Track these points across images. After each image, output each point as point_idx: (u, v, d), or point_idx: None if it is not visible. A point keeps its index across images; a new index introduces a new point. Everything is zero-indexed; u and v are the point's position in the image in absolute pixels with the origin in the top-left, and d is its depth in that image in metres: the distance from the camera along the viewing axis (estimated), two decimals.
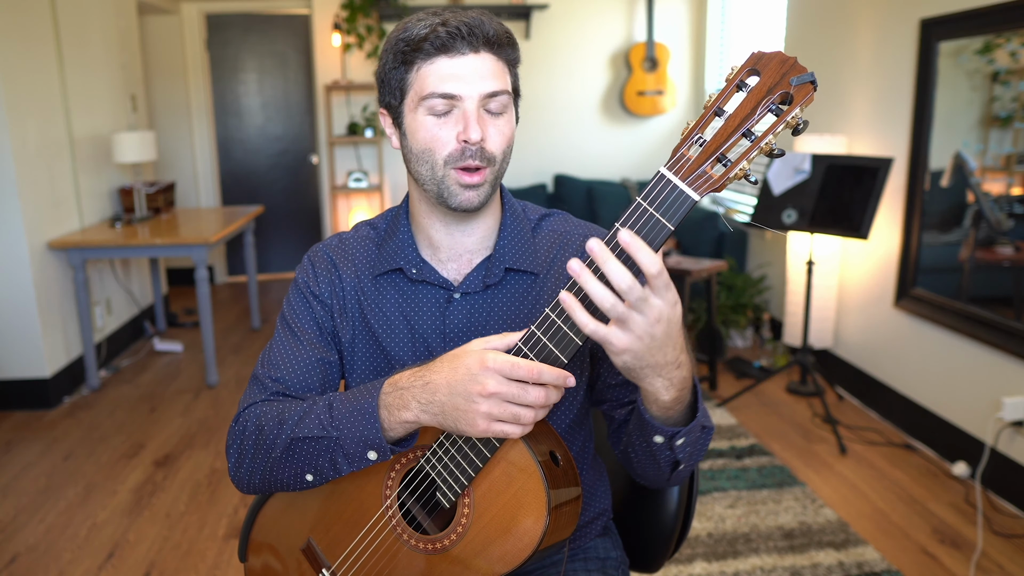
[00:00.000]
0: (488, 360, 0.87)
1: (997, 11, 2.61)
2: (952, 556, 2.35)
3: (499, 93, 0.99)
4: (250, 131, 5.92)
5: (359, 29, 5.19)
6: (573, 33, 5.39)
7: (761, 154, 0.76)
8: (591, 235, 1.12)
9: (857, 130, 3.50)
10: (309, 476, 1.01)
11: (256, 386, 1.10)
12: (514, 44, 1.02)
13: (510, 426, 0.88)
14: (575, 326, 0.84)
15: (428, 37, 0.96)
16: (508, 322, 1.09)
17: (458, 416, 0.88)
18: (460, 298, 1.09)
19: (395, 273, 1.11)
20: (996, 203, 2.73)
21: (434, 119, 0.99)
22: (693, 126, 0.78)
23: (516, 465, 0.93)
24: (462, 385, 0.88)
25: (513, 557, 0.94)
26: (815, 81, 0.74)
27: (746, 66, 0.76)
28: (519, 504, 0.93)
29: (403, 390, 0.93)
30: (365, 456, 0.97)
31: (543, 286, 1.10)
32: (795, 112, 0.74)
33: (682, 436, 0.93)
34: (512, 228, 1.11)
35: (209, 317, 3.76)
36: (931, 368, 3.03)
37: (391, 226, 1.15)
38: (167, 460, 3.05)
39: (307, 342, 1.11)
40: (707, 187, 0.78)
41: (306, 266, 1.16)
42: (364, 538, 1.04)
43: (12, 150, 3.32)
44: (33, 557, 2.40)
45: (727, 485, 2.79)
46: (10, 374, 3.51)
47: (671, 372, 0.85)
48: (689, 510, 1.27)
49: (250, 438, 1.05)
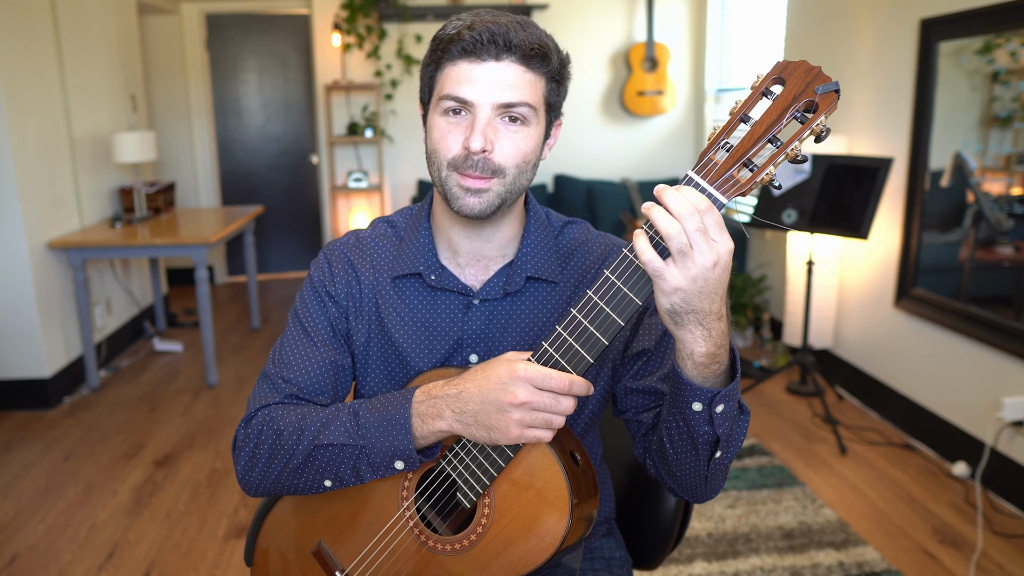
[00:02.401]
0: (519, 370, 0.88)
1: (997, 11, 2.61)
2: (952, 556, 2.35)
3: (517, 104, 0.95)
4: (250, 131, 5.92)
5: (359, 29, 5.19)
6: (573, 33, 5.39)
7: (786, 160, 0.78)
8: (611, 245, 1.12)
9: (857, 130, 3.50)
10: (328, 482, 1.01)
11: (268, 385, 1.09)
12: (546, 57, 0.96)
13: (543, 431, 0.89)
14: (602, 324, 0.86)
15: (454, 39, 0.95)
16: (526, 330, 1.08)
17: (490, 424, 0.89)
18: (479, 304, 1.08)
19: (414, 277, 1.10)
20: (996, 203, 2.73)
21: (446, 121, 0.98)
22: (720, 132, 0.79)
23: (538, 464, 0.93)
24: (493, 394, 0.89)
25: (535, 557, 0.94)
26: (839, 90, 0.76)
27: (772, 74, 0.78)
28: (541, 503, 0.93)
29: (436, 399, 0.94)
30: (392, 465, 0.97)
31: (562, 294, 1.09)
32: (820, 119, 0.77)
33: (721, 401, 0.89)
34: (536, 236, 1.09)
35: (209, 317, 3.77)
36: (931, 368, 3.03)
37: (411, 226, 1.13)
38: (167, 460, 3.05)
39: (320, 343, 1.09)
40: (734, 191, 0.79)
41: (322, 264, 1.13)
42: (380, 540, 1.03)
43: (12, 150, 3.32)
44: (33, 557, 2.40)
45: (727, 485, 2.79)
46: (10, 374, 3.51)
47: (712, 322, 0.83)
48: (688, 506, 1.27)
49: (266, 442, 1.03)
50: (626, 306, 0.85)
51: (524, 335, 1.08)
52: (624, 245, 1.14)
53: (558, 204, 5.27)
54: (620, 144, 5.58)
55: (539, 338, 1.08)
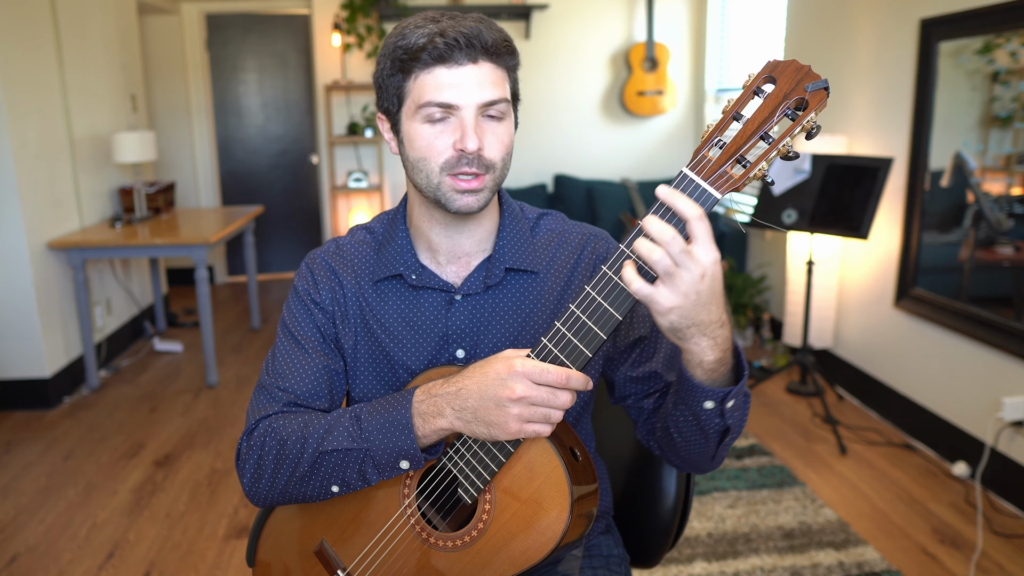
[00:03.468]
0: (516, 365, 0.89)
1: (997, 11, 2.61)
2: (952, 556, 2.35)
3: (497, 101, 0.99)
4: (250, 131, 5.92)
5: (359, 29, 5.19)
6: (573, 33, 5.39)
7: (778, 156, 0.81)
8: (588, 235, 1.15)
9: (857, 130, 3.50)
10: (335, 488, 1.02)
11: (265, 396, 1.10)
12: (513, 51, 1.01)
13: (541, 425, 0.90)
14: (600, 319, 0.87)
15: (426, 47, 0.95)
16: (510, 322, 1.10)
17: (490, 420, 0.91)
18: (462, 300, 1.09)
19: (395, 279, 1.12)
20: (996, 203, 2.73)
21: (430, 127, 0.99)
22: (713, 130, 0.82)
23: (539, 460, 0.95)
24: (492, 389, 0.90)
25: (535, 552, 0.95)
26: (828, 88, 0.79)
27: (763, 73, 0.80)
28: (542, 499, 0.94)
29: (436, 397, 0.95)
30: (397, 465, 0.98)
31: (543, 284, 1.11)
32: (810, 116, 0.79)
33: (732, 397, 0.92)
34: (511, 228, 1.12)
35: (209, 317, 3.77)
36: (931, 368, 3.03)
37: (388, 231, 1.14)
38: (167, 460, 3.05)
39: (312, 350, 1.11)
40: (728, 186, 0.82)
41: (305, 274, 1.15)
42: (382, 538, 1.04)
43: (12, 150, 3.32)
44: (33, 557, 2.40)
45: (727, 485, 2.79)
46: (10, 374, 3.51)
47: (715, 331, 0.86)
48: (687, 503, 1.27)
49: (270, 454, 1.04)
50: (623, 301, 0.87)
51: (508, 327, 1.10)
52: (606, 236, 1.16)
53: (558, 204, 5.27)
54: (620, 144, 5.58)
55: (523, 329, 1.10)
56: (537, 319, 1.10)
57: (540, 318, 1.10)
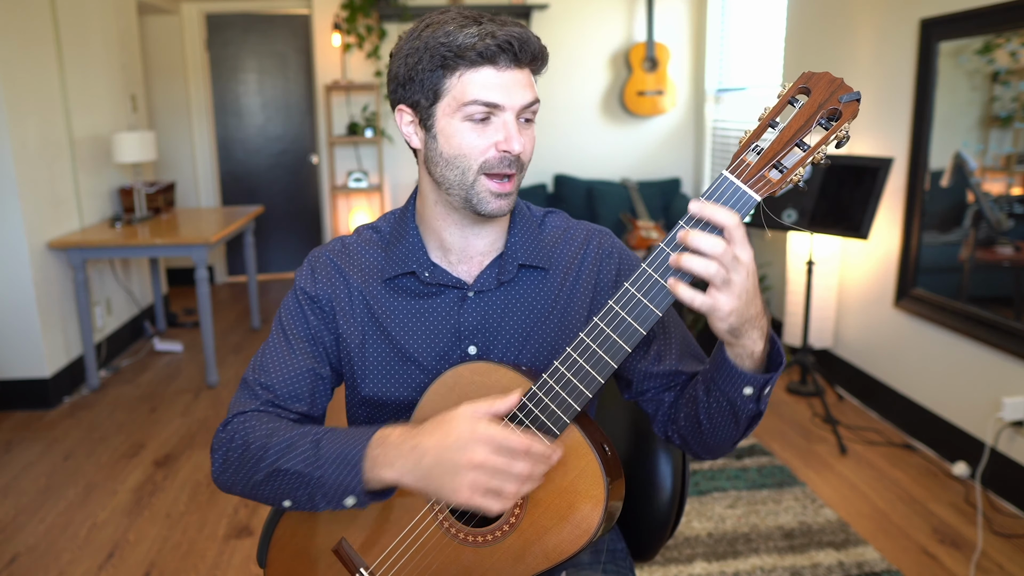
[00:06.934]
0: (480, 430, 0.90)
1: (997, 11, 2.61)
2: (952, 556, 2.35)
3: (533, 103, 1.02)
4: (250, 131, 5.92)
5: (359, 29, 5.19)
6: (573, 33, 5.39)
7: (812, 163, 0.85)
8: (592, 231, 1.17)
9: (857, 130, 3.50)
10: (287, 503, 1.02)
11: (246, 392, 1.10)
12: (547, 59, 1.04)
13: (492, 500, 0.90)
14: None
15: (476, 47, 0.96)
16: (522, 318, 1.10)
17: (443, 483, 0.90)
18: (474, 297, 1.10)
19: (406, 277, 1.11)
20: (996, 203, 2.73)
21: (471, 125, 1.00)
22: (751, 136, 0.86)
23: (574, 453, 0.95)
24: (450, 452, 0.90)
25: (569, 545, 0.95)
26: (860, 99, 0.83)
27: (797, 84, 0.85)
28: (576, 492, 0.95)
29: (389, 448, 0.94)
30: (342, 501, 0.97)
31: (552, 280, 1.12)
32: (845, 126, 0.83)
33: (771, 383, 0.95)
34: (522, 226, 1.14)
35: (209, 317, 3.77)
36: (931, 368, 3.03)
37: (396, 229, 1.14)
38: (167, 460, 3.05)
39: (300, 350, 1.11)
40: (766, 189, 0.85)
41: (305, 271, 1.14)
42: (408, 535, 1.03)
43: (12, 150, 3.33)
44: (33, 557, 2.40)
45: (727, 485, 2.79)
46: (10, 374, 3.51)
47: (761, 321, 0.90)
48: (683, 496, 1.28)
49: (236, 451, 1.04)
50: (647, 317, 0.89)
51: (520, 323, 1.10)
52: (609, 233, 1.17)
53: (558, 204, 5.27)
54: (620, 144, 5.58)
55: (534, 325, 1.11)
56: (547, 315, 1.11)
57: (550, 314, 1.11)
